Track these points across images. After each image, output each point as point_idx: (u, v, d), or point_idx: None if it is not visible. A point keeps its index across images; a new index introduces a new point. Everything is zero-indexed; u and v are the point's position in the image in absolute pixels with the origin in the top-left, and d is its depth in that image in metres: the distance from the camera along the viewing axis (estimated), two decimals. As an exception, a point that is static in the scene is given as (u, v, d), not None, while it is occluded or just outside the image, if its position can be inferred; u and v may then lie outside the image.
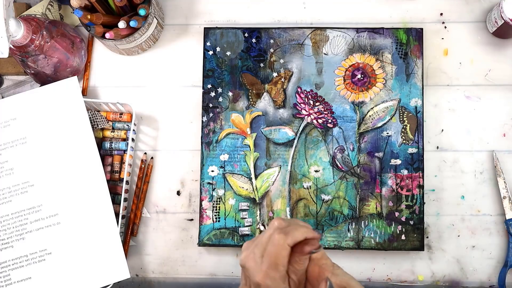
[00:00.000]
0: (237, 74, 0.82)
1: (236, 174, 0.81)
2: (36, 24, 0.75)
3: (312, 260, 0.57)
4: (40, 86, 0.82)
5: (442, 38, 0.84)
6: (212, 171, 0.81)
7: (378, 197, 0.79)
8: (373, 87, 0.81)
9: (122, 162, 0.82)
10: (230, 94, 0.82)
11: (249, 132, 0.81)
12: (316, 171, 0.80)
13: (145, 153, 0.84)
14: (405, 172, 0.80)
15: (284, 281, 0.55)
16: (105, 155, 0.82)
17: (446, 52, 0.84)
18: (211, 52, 0.83)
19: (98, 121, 0.81)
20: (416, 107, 0.81)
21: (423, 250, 0.78)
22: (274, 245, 0.55)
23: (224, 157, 0.81)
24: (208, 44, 0.83)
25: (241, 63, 0.82)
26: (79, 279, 0.75)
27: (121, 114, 0.83)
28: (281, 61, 0.82)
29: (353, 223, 0.79)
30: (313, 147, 0.81)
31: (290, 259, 0.55)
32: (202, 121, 0.82)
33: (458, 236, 0.81)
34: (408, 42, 0.82)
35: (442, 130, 0.83)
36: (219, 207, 0.80)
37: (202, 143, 0.81)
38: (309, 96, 0.82)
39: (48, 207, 0.76)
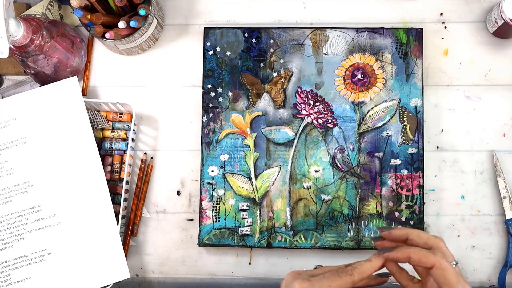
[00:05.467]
0: (237, 74, 0.82)
1: (236, 174, 0.81)
2: (36, 24, 0.75)
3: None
4: (40, 86, 0.82)
5: (442, 38, 0.84)
6: (212, 171, 0.81)
7: (378, 197, 0.79)
8: (373, 87, 0.81)
9: (122, 162, 0.82)
10: (230, 94, 0.82)
11: (249, 132, 0.81)
12: (316, 171, 0.80)
13: (145, 153, 0.84)
14: (405, 172, 0.80)
15: None
16: (105, 155, 0.82)
17: (446, 52, 0.84)
18: (211, 52, 0.83)
19: (98, 121, 0.81)
20: (416, 107, 0.81)
21: (423, 250, 0.78)
22: None
23: (224, 157, 0.81)
24: (208, 44, 0.83)
25: (241, 63, 0.82)
26: (79, 279, 0.75)
27: (121, 114, 0.83)
28: (281, 61, 0.82)
29: (353, 223, 0.79)
30: (313, 147, 0.81)
31: None
32: (202, 121, 0.82)
33: (458, 236, 0.81)
34: (408, 42, 0.82)
35: (442, 130, 0.83)
36: (219, 207, 0.80)
37: (202, 143, 0.81)
38: (309, 96, 0.81)
39: (48, 207, 0.76)
